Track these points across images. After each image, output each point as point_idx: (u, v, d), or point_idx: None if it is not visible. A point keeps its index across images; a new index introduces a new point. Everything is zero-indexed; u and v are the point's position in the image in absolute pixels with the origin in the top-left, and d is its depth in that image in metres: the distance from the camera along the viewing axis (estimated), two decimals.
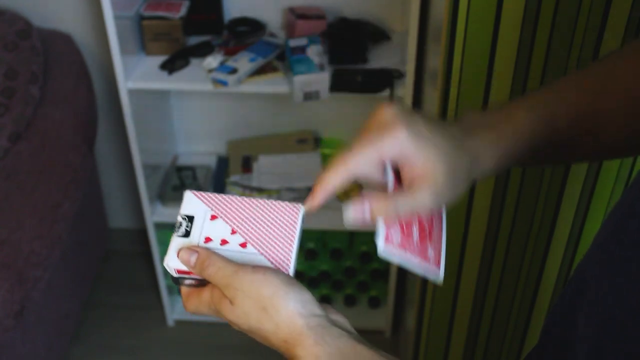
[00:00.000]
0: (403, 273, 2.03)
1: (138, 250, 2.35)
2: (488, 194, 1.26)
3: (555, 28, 1.05)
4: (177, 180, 1.99)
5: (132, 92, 1.70)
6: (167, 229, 1.99)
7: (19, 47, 1.78)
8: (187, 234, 0.63)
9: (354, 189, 0.65)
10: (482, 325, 1.47)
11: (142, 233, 2.16)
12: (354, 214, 0.59)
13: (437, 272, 0.62)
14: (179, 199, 0.63)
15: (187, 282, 0.63)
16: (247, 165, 2.01)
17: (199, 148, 2.14)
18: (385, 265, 2.02)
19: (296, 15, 1.77)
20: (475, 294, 1.42)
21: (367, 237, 2.03)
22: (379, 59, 1.73)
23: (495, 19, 1.05)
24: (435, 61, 1.27)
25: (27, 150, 1.72)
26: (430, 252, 0.63)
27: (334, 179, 0.59)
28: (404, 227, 0.61)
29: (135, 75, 1.71)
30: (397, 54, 1.74)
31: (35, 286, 1.55)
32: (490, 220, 1.29)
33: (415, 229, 0.62)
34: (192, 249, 0.60)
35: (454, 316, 1.47)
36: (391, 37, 1.80)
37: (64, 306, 1.87)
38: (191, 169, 2.04)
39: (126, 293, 2.25)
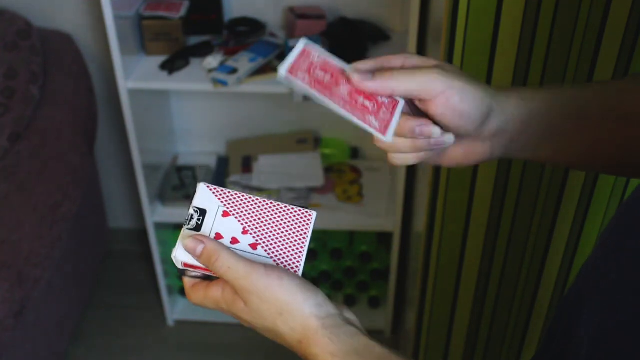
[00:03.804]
0: (403, 273, 2.03)
1: (138, 250, 2.35)
2: (488, 194, 1.26)
3: (555, 28, 1.05)
4: (177, 180, 1.99)
5: (132, 92, 1.70)
6: (167, 229, 1.99)
7: (19, 47, 1.78)
8: (197, 227, 0.62)
9: (354, 189, 0.66)
10: (482, 325, 1.47)
11: (142, 233, 2.16)
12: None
13: (383, 137, 0.61)
14: (179, 199, 0.62)
15: (193, 274, 0.63)
16: (247, 165, 2.01)
17: (199, 148, 2.14)
18: (386, 265, 2.02)
19: (296, 15, 1.77)
20: (475, 294, 1.42)
21: (367, 237, 2.03)
22: None
23: (495, 18, 1.05)
24: None
25: (27, 150, 1.72)
26: (375, 122, 0.61)
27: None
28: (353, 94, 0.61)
29: (135, 75, 1.71)
30: None
31: (35, 286, 1.55)
32: (490, 220, 1.29)
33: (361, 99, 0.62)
34: (199, 239, 0.59)
35: (454, 316, 1.47)
36: (391, 37, 1.80)
37: (64, 306, 1.87)
38: (191, 169, 2.04)
39: (126, 293, 2.25)
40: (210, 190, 0.65)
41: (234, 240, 0.62)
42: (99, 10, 1.65)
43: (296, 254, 0.62)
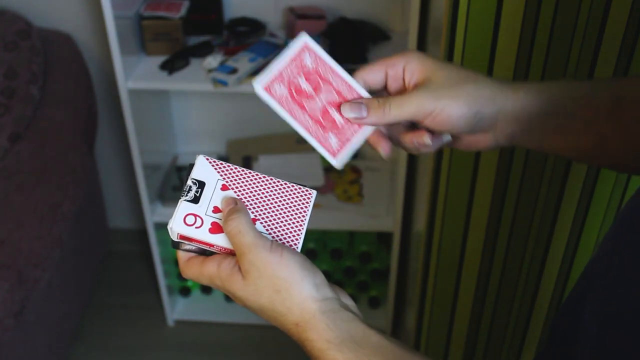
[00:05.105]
0: (403, 273, 2.03)
1: (138, 250, 2.35)
2: (488, 194, 1.26)
3: (555, 28, 1.05)
4: (177, 180, 1.99)
5: (132, 92, 1.70)
6: (167, 229, 1.98)
7: (19, 47, 1.78)
8: (195, 199, 0.61)
9: (354, 189, 0.67)
10: (482, 325, 1.47)
11: (142, 233, 2.16)
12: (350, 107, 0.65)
13: (333, 160, 0.65)
14: (179, 199, 0.62)
15: (187, 247, 0.62)
16: (247, 165, 2.01)
17: (199, 148, 2.14)
18: (386, 265, 2.02)
19: (296, 15, 1.77)
20: (475, 294, 1.42)
21: (367, 237, 2.03)
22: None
23: (495, 18, 1.05)
24: None
25: (27, 150, 1.72)
26: (334, 142, 0.65)
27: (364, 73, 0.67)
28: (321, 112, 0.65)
29: (135, 75, 1.71)
30: None
31: (35, 286, 1.55)
32: (490, 220, 1.29)
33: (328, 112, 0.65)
34: (234, 197, 0.61)
35: (454, 316, 1.47)
36: (391, 37, 1.80)
37: (64, 306, 1.87)
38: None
39: (126, 293, 2.25)
40: (210, 163, 0.63)
41: None
42: (99, 10, 1.65)
43: (295, 231, 0.61)
